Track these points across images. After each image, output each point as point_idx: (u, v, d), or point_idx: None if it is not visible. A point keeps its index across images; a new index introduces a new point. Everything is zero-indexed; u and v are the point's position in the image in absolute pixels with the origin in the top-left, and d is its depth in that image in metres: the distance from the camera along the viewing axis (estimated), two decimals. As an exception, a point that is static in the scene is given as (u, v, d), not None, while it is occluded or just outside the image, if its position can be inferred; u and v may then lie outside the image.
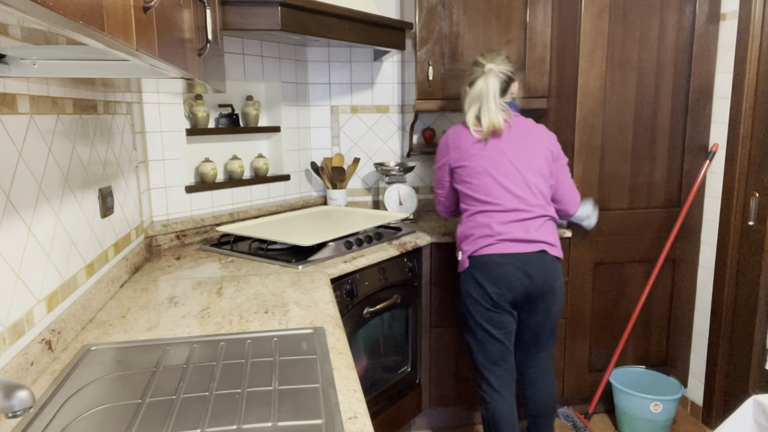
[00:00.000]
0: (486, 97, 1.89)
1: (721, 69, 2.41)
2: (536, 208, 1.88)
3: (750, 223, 2.30)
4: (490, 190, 1.87)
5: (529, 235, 1.84)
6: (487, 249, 1.85)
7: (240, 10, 1.97)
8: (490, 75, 1.91)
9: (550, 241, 1.88)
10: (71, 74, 1.00)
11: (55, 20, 0.49)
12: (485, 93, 1.90)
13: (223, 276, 1.81)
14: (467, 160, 1.91)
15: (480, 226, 1.88)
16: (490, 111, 1.89)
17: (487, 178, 1.88)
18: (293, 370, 1.14)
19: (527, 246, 1.85)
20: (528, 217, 1.86)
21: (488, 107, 1.89)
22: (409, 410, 2.44)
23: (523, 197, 1.87)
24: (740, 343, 2.38)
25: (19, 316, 1.09)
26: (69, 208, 1.37)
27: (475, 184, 1.90)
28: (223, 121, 2.51)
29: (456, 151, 1.95)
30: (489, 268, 1.85)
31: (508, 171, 1.87)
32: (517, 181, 1.87)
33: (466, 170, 1.91)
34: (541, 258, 1.86)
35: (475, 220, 1.89)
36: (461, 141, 1.95)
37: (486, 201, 1.87)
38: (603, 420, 2.65)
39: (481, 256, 1.86)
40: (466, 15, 2.54)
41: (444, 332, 2.50)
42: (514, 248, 1.84)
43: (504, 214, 1.85)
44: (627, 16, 2.35)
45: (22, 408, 0.72)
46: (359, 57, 2.88)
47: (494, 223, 1.85)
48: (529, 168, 1.89)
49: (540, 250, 1.86)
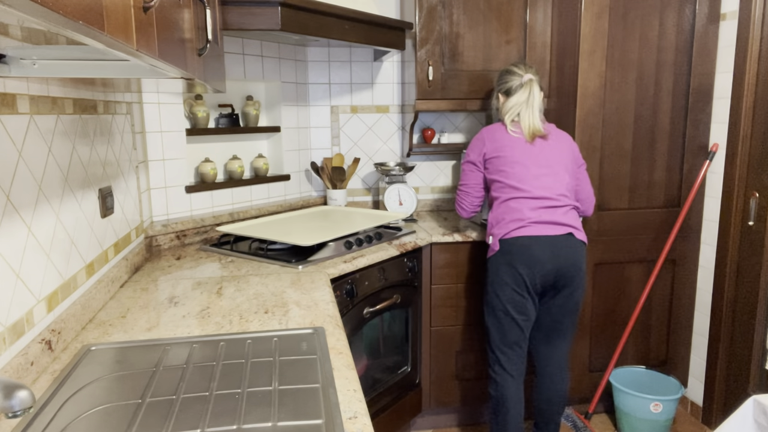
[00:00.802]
0: (531, 106, 2.06)
1: (721, 69, 2.41)
2: (563, 198, 2.00)
3: (750, 223, 2.30)
4: (524, 178, 1.99)
5: (557, 219, 1.96)
6: (518, 231, 1.95)
7: (240, 10, 1.97)
8: (534, 85, 2.08)
9: (576, 225, 2.00)
10: (71, 74, 1.00)
11: (55, 20, 0.49)
12: (532, 102, 2.06)
13: (223, 276, 1.81)
14: (503, 151, 2.05)
15: (512, 211, 1.98)
16: (535, 118, 2.06)
17: (520, 167, 2.01)
18: (293, 370, 1.14)
19: (556, 228, 1.95)
20: (555, 205, 1.98)
21: (533, 114, 2.06)
22: (409, 410, 2.44)
23: (552, 187, 1.99)
24: (740, 343, 2.38)
25: (19, 316, 1.09)
26: (69, 208, 1.37)
27: (509, 173, 2.01)
28: (223, 121, 2.51)
29: (492, 143, 2.08)
30: (520, 249, 1.95)
31: (540, 163, 2.01)
32: (548, 173, 2.01)
33: (501, 160, 2.04)
34: (568, 240, 1.96)
35: (508, 206, 2.00)
36: (498, 135, 2.09)
37: (519, 188, 1.99)
38: (603, 420, 2.65)
39: (513, 239, 1.96)
40: (466, 15, 2.54)
41: (444, 332, 2.50)
42: (544, 230, 1.94)
43: (534, 201, 1.97)
44: (627, 16, 2.35)
45: (22, 408, 0.72)
46: (359, 57, 2.88)
47: (525, 209, 1.97)
48: (558, 163, 2.03)
49: (567, 232, 1.97)
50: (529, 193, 1.98)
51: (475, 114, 3.02)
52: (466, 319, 2.49)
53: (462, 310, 2.49)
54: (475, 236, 2.42)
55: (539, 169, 2.01)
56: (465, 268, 2.45)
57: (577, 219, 2.03)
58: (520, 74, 2.10)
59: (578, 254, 1.98)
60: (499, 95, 2.18)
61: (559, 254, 1.95)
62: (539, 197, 1.98)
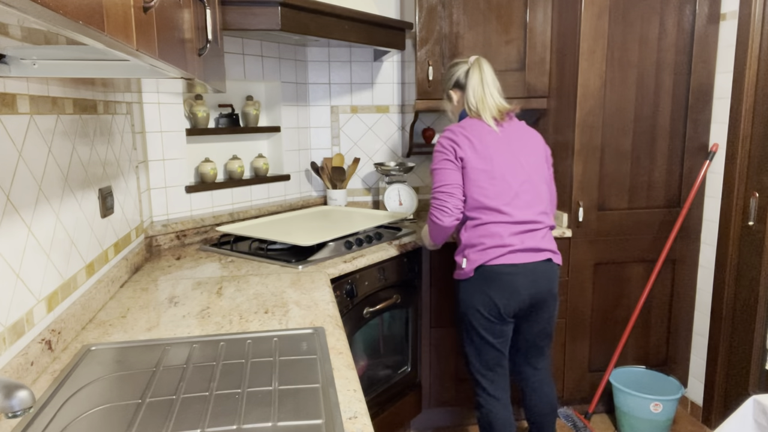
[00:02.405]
0: (486, 82, 1.88)
1: (721, 69, 2.41)
2: (543, 217, 1.89)
3: (750, 223, 2.30)
4: (504, 197, 1.83)
5: (537, 244, 1.85)
6: (498, 260, 1.82)
7: (240, 10, 1.97)
8: (482, 62, 1.91)
9: (553, 248, 1.91)
10: (71, 74, 1.00)
11: (55, 20, 0.49)
12: (485, 80, 1.88)
13: (223, 276, 1.81)
14: (483, 162, 1.83)
15: (491, 236, 1.83)
16: (494, 95, 1.89)
17: (501, 183, 1.83)
18: (293, 370, 1.14)
19: (536, 255, 1.85)
20: (536, 228, 1.86)
21: (491, 91, 1.89)
22: (409, 410, 2.44)
23: (532, 205, 1.86)
24: (740, 343, 2.38)
25: (19, 316, 1.09)
26: (69, 208, 1.37)
27: (489, 191, 1.82)
28: (223, 121, 2.51)
29: (469, 149, 1.83)
30: (499, 279, 1.82)
31: (520, 174, 1.85)
32: (528, 187, 1.86)
33: (480, 174, 1.83)
34: (546, 266, 1.87)
35: (487, 229, 1.83)
36: (473, 136, 1.85)
37: (499, 211, 1.82)
38: (603, 420, 2.65)
39: (491, 266, 1.82)
40: (466, 15, 2.54)
41: (444, 332, 2.50)
42: (524, 258, 1.83)
43: (515, 225, 1.83)
44: (627, 16, 2.35)
45: (22, 408, 0.72)
46: (359, 57, 2.88)
47: (506, 234, 1.82)
48: (536, 172, 1.89)
49: (547, 259, 1.87)
50: (511, 216, 1.83)
51: (475, 114, 3.02)
52: (466, 319, 2.49)
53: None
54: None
55: (520, 185, 1.84)
56: (465, 268, 2.45)
57: (552, 240, 1.93)
58: (464, 60, 1.95)
59: (554, 280, 1.90)
60: (451, 93, 1.99)
61: (538, 281, 1.85)
62: (521, 221, 1.84)
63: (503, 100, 1.92)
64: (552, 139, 2.61)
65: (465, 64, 1.94)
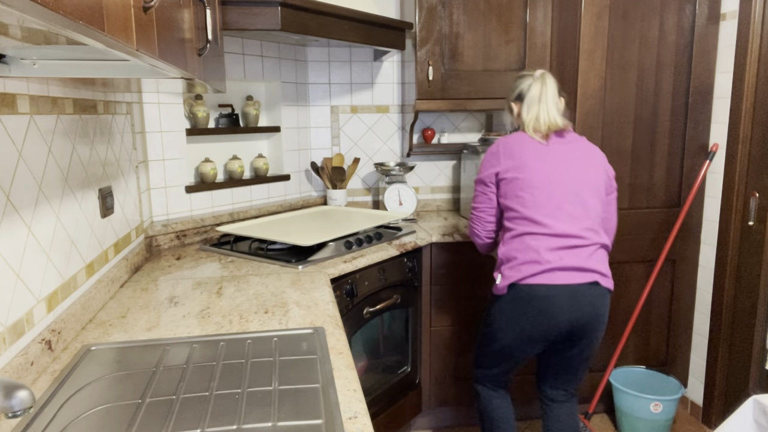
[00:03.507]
0: (545, 98, 1.78)
1: (721, 69, 2.41)
2: (590, 234, 1.69)
3: (750, 223, 2.30)
4: (544, 207, 1.67)
5: (581, 263, 1.65)
6: (533, 278, 1.65)
7: (240, 10, 1.97)
8: (546, 77, 1.82)
9: (603, 270, 1.70)
10: (71, 74, 1.00)
11: (55, 20, 0.49)
12: (544, 94, 1.79)
13: (223, 276, 1.81)
14: (521, 171, 1.71)
15: (526, 250, 1.67)
16: (549, 111, 1.78)
17: (541, 193, 1.68)
18: (293, 370, 1.14)
19: (579, 276, 1.65)
20: (581, 245, 1.66)
21: (547, 107, 1.78)
22: (409, 410, 2.44)
23: (578, 218, 1.68)
24: (740, 343, 2.38)
25: (19, 316, 1.09)
26: (69, 208, 1.37)
27: (527, 200, 1.69)
28: (223, 121, 2.51)
29: (509, 160, 1.75)
30: (533, 302, 1.66)
31: (566, 186, 1.69)
32: (574, 200, 1.69)
33: (518, 183, 1.71)
34: (592, 290, 1.66)
35: (523, 242, 1.68)
36: (516, 149, 1.76)
37: (536, 221, 1.67)
38: (603, 420, 2.65)
39: (525, 286, 1.66)
40: (466, 15, 2.54)
41: (444, 332, 2.50)
42: (565, 278, 1.64)
43: (555, 239, 1.65)
44: (627, 16, 2.35)
45: (22, 408, 0.72)
46: (359, 57, 2.88)
47: (543, 249, 1.65)
48: (587, 186, 1.72)
49: (593, 281, 1.66)
50: (550, 228, 1.65)
51: (475, 114, 3.02)
52: (466, 319, 2.49)
53: (462, 310, 2.48)
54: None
55: (564, 196, 1.67)
56: (465, 268, 2.45)
57: (604, 261, 1.71)
58: (530, 73, 1.85)
59: (603, 305, 1.69)
60: (512, 105, 1.89)
61: (581, 307, 1.65)
62: (561, 234, 1.65)
63: (558, 118, 1.79)
64: (552, 139, 2.61)
65: (530, 78, 1.84)
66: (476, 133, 3.04)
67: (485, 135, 2.83)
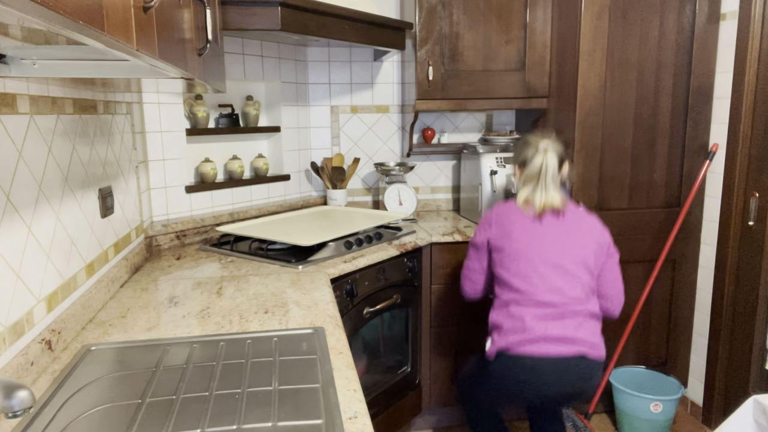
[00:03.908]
0: (544, 175, 1.80)
1: (721, 69, 2.41)
2: (575, 303, 1.69)
3: (750, 223, 2.30)
4: (528, 277, 1.71)
5: (566, 334, 1.65)
6: (518, 348, 1.66)
7: (240, 10, 1.97)
8: (549, 152, 1.82)
9: (592, 340, 1.69)
10: (71, 74, 1.00)
11: (55, 20, 0.49)
12: (544, 170, 1.80)
13: (223, 276, 1.81)
14: (508, 242, 1.77)
15: (511, 318, 1.70)
16: (548, 190, 1.79)
17: (525, 263, 1.72)
18: (293, 370, 1.14)
19: (564, 347, 1.65)
20: (566, 313, 1.67)
21: (545, 185, 1.79)
22: (409, 410, 2.44)
23: (562, 289, 1.69)
24: (740, 343, 2.38)
25: (19, 316, 1.09)
26: (69, 208, 1.37)
27: (512, 270, 1.74)
28: (223, 121, 2.51)
29: (499, 229, 1.81)
30: (520, 373, 1.67)
31: (550, 259, 1.72)
32: (558, 271, 1.71)
33: (505, 253, 1.77)
34: (581, 364, 1.66)
35: (509, 310, 1.72)
36: (507, 219, 1.82)
37: (520, 290, 1.70)
38: (603, 420, 2.65)
39: (513, 356, 1.67)
40: (466, 15, 2.54)
41: (444, 332, 2.50)
42: (550, 350, 1.64)
43: (540, 308, 1.67)
44: (627, 16, 2.35)
45: (22, 408, 0.72)
46: (359, 57, 2.88)
47: (528, 317, 1.67)
48: (572, 258, 1.73)
49: (579, 355, 1.65)
50: (533, 296, 1.68)
51: (475, 114, 3.02)
52: (466, 319, 2.49)
53: (462, 310, 2.48)
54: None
55: (549, 268, 1.70)
56: (465, 268, 2.45)
57: (594, 330, 1.70)
58: (535, 143, 1.85)
59: (593, 377, 1.68)
60: (516, 168, 1.92)
61: (569, 382, 1.65)
62: (545, 303, 1.66)
63: (556, 198, 1.80)
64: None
65: (533, 148, 1.84)
66: (476, 133, 3.04)
67: (485, 135, 2.83)
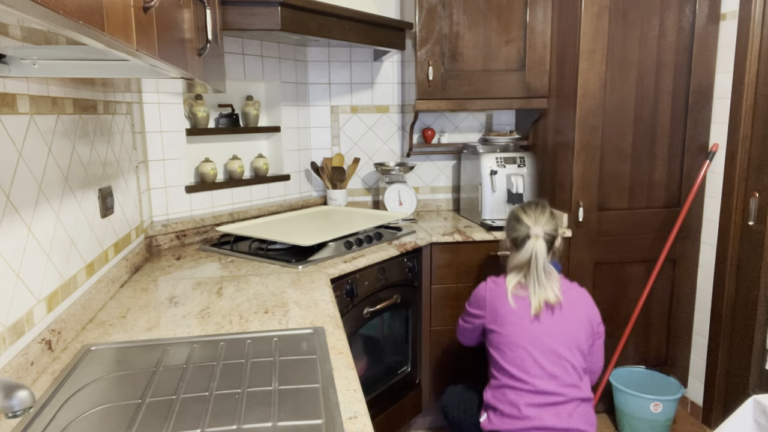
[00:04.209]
0: (534, 266, 1.74)
1: (721, 69, 2.41)
2: (571, 390, 1.70)
3: (750, 223, 2.30)
4: (524, 365, 1.70)
5: (562, 423, 1.67)
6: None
7: (240, 10, 1.97)
8: (538, 241, 1.76)
9: (585, 428, 1.71)
10: (71, 74, 1.00)
11: (55, 20, 0.49)
12: (534, 261, 1.75)
13: (223, 276, 1.81)
14: (502, 327, 1.75)
15: (508, 404, 1.70)
16: (541, 284, 1.74)
17: (522, 351, 1.71)
18: (293, 370, 1.14)
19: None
20: (561, 401, 1.68)
21: (538, 278, 1.74)
22: (409, 410, 2.44)
23: (558, 376, 1.70)
24: (740, 343, 2.38)
25: (19, 316, 1.09)
26: (69, 208, 1.37)
27: (508, 356, 1.73)
28: (223, 121, 2.51)
29: (492, 313, 1.79)
30: None
31: (545, 346, 1.71)
32: (553, 359, 1.71)
33: (500, 337, 1.75)
34: None
35: (505, 395, 1.72)
36: (499, 304, 1.78)
37: (518, 377, 1.70)
38: (603, 420, 2.65)
39: None
40: (466, 15, 2.54)
41: (444, 332, 2.50)
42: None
43: (535, 395, 1.68)
44: (627, 16, 2.35)
45: (22, 408, 0.72)
46: (359, 57, 2.88)
47: (523, 405, 1.68)
48: (566, 344, 1.73)
49: None
50: (530, 384, 1.68)
51: (475, 114, 3.02)
52: (466, 319, 2.49)
53: (462, 310, 2.48)
54: (476, 236, 2.42)
55: (543, 355, 1.70)
56: (465, 268, 2.45)
57: (587, 416, 1.72)
58: (527, 225, 1.79)
59: None
60: (507, 243, 1.88)
61: None
62: (542, 391, 1.67)
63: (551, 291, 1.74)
64: (552, 139, 2.61)
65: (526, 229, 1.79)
66: (476, 133, 3.04)
67: (485, 135, 2.83)
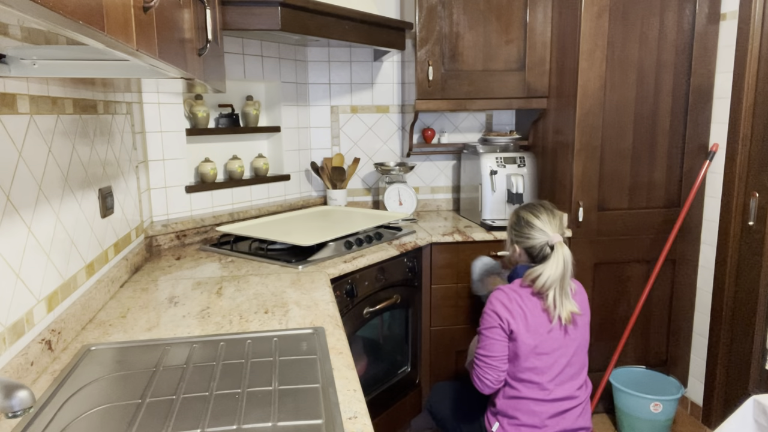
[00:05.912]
0: (564, 279, 1.63)
1: (721, 69, 2.41)
2: (581, 392, 1.73)
3: (750, 223, 2.30)
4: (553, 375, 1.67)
5: (571, 425, 1.71)
6: None
7: (240, 10, 1.97)
8: (564, 248, 1.63)
9: (588, 425, 1.77)
10: (71, 74, 1.00)
11: (55, 20, 0.49)
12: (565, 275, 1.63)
13: (223, 276, 1.81)
14: (534, 338, 1.64)
15: (530, 414, 1.67)
16: (570, 301, 1.66)
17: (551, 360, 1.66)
18: (293, 370, 1.14)
19: None
20: (574, 405, 1.71)
21: (564, 290, 1.64)
22: (409, 410, 2.44)
23: (573, 378, 1.71)
24: (740, 343, 2.38)
25: (19, 316, 1.09)
26: (69, 208, 1.37)
27: (540, 368, 1.66)
28: (223, 121, 2.51)
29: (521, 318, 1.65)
30: None
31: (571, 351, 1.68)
32: (573, 361, 1.69)
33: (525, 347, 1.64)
34: None
35: (525, 405, 1.68)
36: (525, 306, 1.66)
37: (544, 387, 1.66)
38: (603, 420, 2.65)
39: None
40: (466, 15, 2.54)
41: (444, 332, 2.50)
42: None
43: (555, 404, 1.68)
44: (627, 16, 2.35)
45: (22, 408, 0.72)
46: (359, 57, 2.88)
47: (544, 415, 1.67)
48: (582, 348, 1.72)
49: None
50: (552, 393, 1.67)
51: (475, 114, 3.02)
52: (466, 319, 2.49)
53: (462, 310, 2.48)
54: (476, 236, 2.42)
55: (567, 358, 1.68)
56: (465, 268, 2.45)
57: (588, 413, 1.76)
58: (546, 230, 1.66)
59: None
60: (516, 246, 1.74)
61: None
62: (560, 398, 1.68)
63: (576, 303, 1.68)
64: (552, 139, 2.61)
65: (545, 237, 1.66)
66: (476, 133, 3.04)
67: (485, 135, 2.83)
